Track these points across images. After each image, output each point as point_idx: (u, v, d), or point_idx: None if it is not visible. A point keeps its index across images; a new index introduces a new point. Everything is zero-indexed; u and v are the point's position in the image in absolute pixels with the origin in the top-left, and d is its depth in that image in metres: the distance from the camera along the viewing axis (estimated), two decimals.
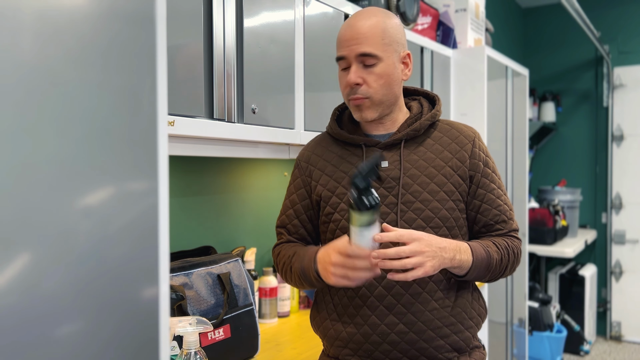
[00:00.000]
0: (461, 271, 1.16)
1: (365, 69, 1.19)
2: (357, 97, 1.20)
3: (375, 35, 1.18)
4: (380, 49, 1.18)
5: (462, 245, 1.15)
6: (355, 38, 1.18)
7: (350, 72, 1.19)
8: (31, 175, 0.51)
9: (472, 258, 1.15)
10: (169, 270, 0.75)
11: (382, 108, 1.22)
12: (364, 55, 1.17)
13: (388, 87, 1.21)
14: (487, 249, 1.18)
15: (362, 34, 1.17)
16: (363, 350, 1.21)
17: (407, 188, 1.20)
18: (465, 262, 1.14)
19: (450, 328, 1.20)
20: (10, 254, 0.50)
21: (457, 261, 1.12)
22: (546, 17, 4.59)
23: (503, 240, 1.23)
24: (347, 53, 1.19)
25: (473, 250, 1.16)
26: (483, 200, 1.24)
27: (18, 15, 0.50)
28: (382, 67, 1.19)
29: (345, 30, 1.20)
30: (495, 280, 1.25)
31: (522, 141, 3.07)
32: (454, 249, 1.12)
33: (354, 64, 1.19)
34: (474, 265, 1.15)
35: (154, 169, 0.61)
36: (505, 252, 1.21)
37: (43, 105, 0.52)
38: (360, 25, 1.18)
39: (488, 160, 1.27)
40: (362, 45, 1.17)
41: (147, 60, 0.61)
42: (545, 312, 3.59)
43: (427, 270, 1.06)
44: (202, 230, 1.82)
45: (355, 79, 1.18)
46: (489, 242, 1.21)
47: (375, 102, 1.21)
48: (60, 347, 0.53)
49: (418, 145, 1.24)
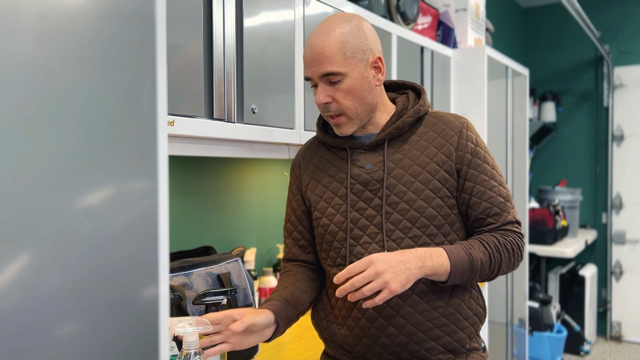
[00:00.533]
0: (440, 277, 1.11)
1: (332, 86, 1.16)
2: (332, 114, 1.19)
3: (334, 52, 1.14)
4: (342, 65, 1.14)
5: (434, 251, 1.10)
6: (315, 59, 1.15)
7: (318, 93, 1.17)
8: (31, 175, 0.51)
9: (449, 262, 1.10)
10: (168, 270, 0.75)
11: (359, 120, 1.20)
12: (326, 75, 1.15)
13: (359, 99, 1.18)
14: (469, 250, 1.12)
15: (320, 53, 1.14)
16: (356, 351, 1.21)
17: (392, 189, 1.18)
18: (440, 268, 1.09)
19: (443, 329, 1.17)
20: (10, 254, 0.50)
21: (428, 268, 1.07)
22: (546, 17, 4.59)
23: (493, 237, 1.17)
24: (311, 74, 1.18)
25: (449, 254, 1.10)
26: (471, 194, 1.19)
27: (18, 15, 0.50)
28: (348, 82, 1.15)
29: (306, 50, 1.18)
30: (492, 279, 1.20)
31: (522, 141, 3.07)
32: (421, 256, 1.07)
33: (320, 84, 1.17)
34: (452, 269, 1.10)
35: (154, 169, 0.61)
36: (494, 250, 1.15)
37: (43, 105, 0.52)
38: (319, 45, 1.15)
39: (478, 149, 1.21)
40: (323, 66, 1.14)
41: (147, 60, 0.61)
42: (546, 312, 3.59)
43: (394, 288, 1.02)
44: (202, 230, 1.82)
45: (324, 98, 1.16)
46: (474, 241, 1.16)
47: (350, 116, 1.19)
48: (60, 348, 0.53)
49: (403, 143, 1.21)
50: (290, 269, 1.32)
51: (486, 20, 2.92)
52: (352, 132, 1.21)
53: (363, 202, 1.20)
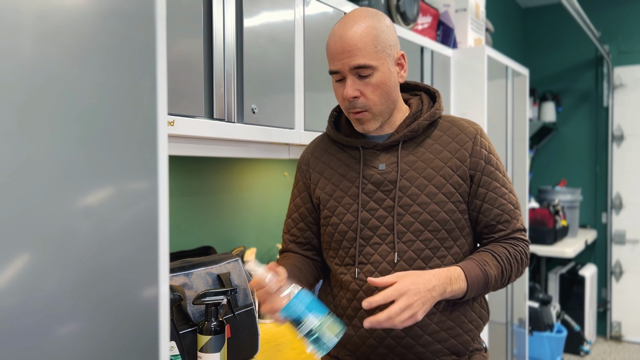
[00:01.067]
0: (457, 296, 1.12)
1: (360, 80, 1.13)
2: (357, 110, 1.16)
3: (367, 44, 1.11)
4: (374, 58, 1.12)
5: (453, 275, 1.10)
6: (347, 50, 1.11)
7: (347, 87, 1.13)
8: (31, 175, 0.51)
9: (467, 284, 1.11)
10: (168, 270, 0.75)
11: (382, 117, 1.18)
12: (358, 67, 1.12)
13: (386, 95, 1.16)
14: (484, 267, 1.13)
15: (353, 45, 1.11)
16: (360, 352, 1.20)
17: (405, 191, 1.17)
18: (458, 291, 1.10)
19: (448, 332, 1.17)
20: (10, 254, 0.50)
21: (448, 294, 1.09)
22: (546, 17, 4.59)
23: (504, 248, 1.19)
24: (340, 67, 1.13)
25: (467, 275, 1.11)
26: (484, 200, 1.20)
27: (18, 15, 0.50)
28: (378, 76, 1.13)
29: (335, 42, 1.14)
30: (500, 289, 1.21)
31: (522, 141, 3.07)
32: (444, 283, 1.08)
33: (349, 78, 1.13)
34: (469, 289, 1.11)
35: (154, 169, 0.61)
36: (506, 262, 1.17)
37: (43, 105, 0.52)
38: (350, 36, 1.11)
39: (490, 157, 1.21)
40: (355, 58, 1.11)
41: (147, 60, 0.61)
42: (546, 312, 3.59)
43: (418, 318, 1.03)
44: (202, 230, 1.82)
45: (353, 92, 1.13)
46: (487, 255, 1.17)
47: (375, 113, 1.17)
48: (61, 347, 0.53)
49: (417, 146, 1.21)
50: (287, 255, 1.32)
51: (486, 20, 2.92)
52: (374, 129, 1.19)
53: (374, 203, 1.19)
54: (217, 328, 1.28)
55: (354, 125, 1.21)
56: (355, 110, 1.16)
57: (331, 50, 1.15)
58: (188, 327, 1.33)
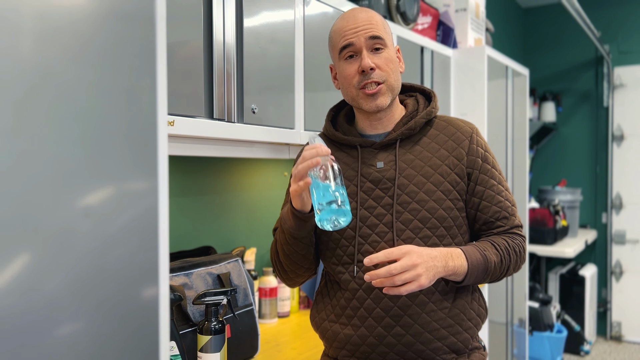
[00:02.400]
0: (457, 277, 1.13)
1: (374, 54, 1.19)
2: (372, 81, 1.18)
3: (379, 22, 1.21)
4: (385, 35, 1.20)
5: (454, 252, 1.12)
6: (362, 24, 1.18)
7: (363, 57, 1.17)
8: (31, 175, 0.51)
9: (467, 263, 1.12)
10: (168, 270, 0.75)
11: (393, 95, 1.22)
12: (374, 37, 1.18)
13: (396, 73, 1.22)
14: (484, 252, 1.15)
15: (367, 20, 1.19)
16: (360, 351, 1.20)
17: (403, 188, 1.19)
18: (460, 268, 1.12)
19: (448, 330, 1.18)
20: (10, 254, 0.50)
21: (450, 268, 1.10)
22: (546, 17, 4.59)
23: (503, 239, 1.20)
24: (355, 39, 1.18)
25: (467, 256, 1.13)
26: (482, 198, 1.21)
27: (18, 15, 0.50)
28: (388, 52, 1.20)
29: (348, 20, 1.21)
30: (497, 280, 1.23)
31: (522, 141, 3.07)
32: (445, 256, 1.10)
33: (365, 49, 1.18)
34: (469, 270, 1.13)
35: (154, 169, 0.61)
36: (505, 252, 1.18)
37: (43, 105, 0.52)
38: (364, 15, 1.20)
39: (487, 155, 1.24)
40: (372, 30, 1.18)
41: (147, 60, 0.61)
42: (546, 312, 3.59)
43: (422, 282, 1.05)
44: (202, 230, 1.82)
45: (369, 63, 1.17)
46: (487, 243, 1.19)
47: (390, 86, 1.20)
48: (60, 347, 0.53)
49: (414, 144, 1.23)
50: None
51: (486, 20, 2.92)
52: (386, 105, 1.21)
53: (373, 201, 1.20)
54: (217, 328, 1.28)
55: (364, 105, 1.21)
56: (374, 80, 1.19)
57: (343, 27, 1.21)
58: (188, 327, 1.33)
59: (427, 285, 1.06)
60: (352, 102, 1.25)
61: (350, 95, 1.23)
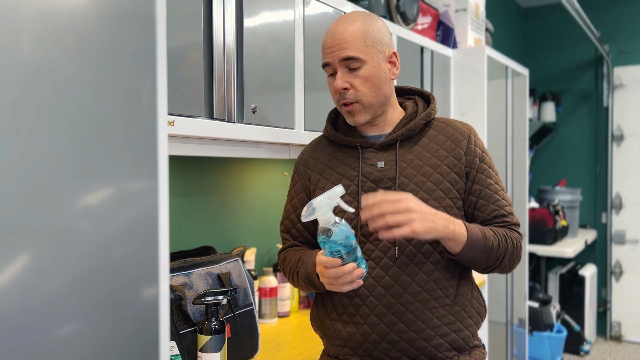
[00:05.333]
0: (456, 245, 1.13)
1: (350, 73, 1.20)
2: (347, 101, 1.21)
3: (357, 38, 1.19)
4: (363, 52, 1.19)
5: (455, 220, 1.13)
6: (337, 44, 1.19)
7: (337, 78, 1.20)
8: (31, 174, 0.51)
9: (467, 233, 1.13)
10: (168, 270, 0.75)
11: (373, 110, 1.23)
12: (347, 59, 1.18)
13: (376, 88, 1.21)
14: (483, 231, 1.17)
15: (343, 39, 1.19)
16: (362, 349, 1.21)
17: (404, 188, 1.21)
18: (460, 235, 1.12)
19: (450, 327, 1.20)
20: (10, 254, 0.50)
21: (450, 231, 1.11)
22: (546, 17, 4.59)
23: (502, 229, 1.22)
24: (330, 59, 1.21)
25: (468, 228, 1.14)
26: (479, 196, 1.23)
27: (18, 15, 0.50)
28: (366, 69, 1.19)
29: (327, 37, 1.22)
30: (493, 269, 1.23)
31: (522, 141, 3.07)
32: (447, 218, 1.11)
33: (339, 70, 1.20)
34: (468, 240, 1.13)
35: (154, 169, 0.61)
36: (503, 238, 1.19)
37: (43, 105, 0.52)
38: (341, 31, 1.19)
39: (484, 155, 1.27)
40: (345, 50, 1.18)
41: (147, 60, 0.61)
42: (545, 312, 3.59)
43: (417, 227, 1.04)
44: (202, 230, 1.82)
45: (342, 84, 1.19)
46: (486, 228, 1.20)
47: (365, 105, 1.22)
48: (60, 347, 0.53)
49: (414, 145, 1.25)
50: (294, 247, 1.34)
51: (486, 20, 2.92)
52: (365, 121, 1.23)
53: None
54: (217, 328, 1.28)
55: (347, 119, 1.26)
56: (346, 101, 1.22)
57: (324, 45, 1.24)
58: (188, 327, 1.33)
59: (422, 233, 1.06)
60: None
61: (337, 107, 1.27)
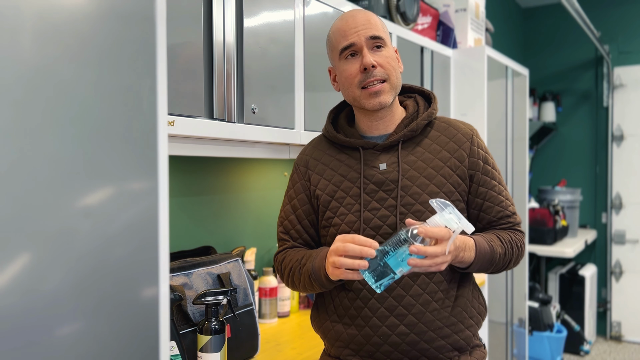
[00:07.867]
0: (462, 265, 1.16)
1: (375, 52, 1.20)
2: (376, 79, 1.19)
3: (378, 22, 1.22)
4: (384, 34, 1.22)
5: (469, 243, 1.14)
6: (362, 24, 1.20)
7: (364, 55, 1.18)
8: (31, 175, 0.51)
9: (475, 254, 1.14)
10: (168, 270, 0.75)
11: (395, 93, 1.23)
12: (374, 38, 1.19)
13: (397, 71, 1.23)
14: (490, 243, 1.18)
15: (367, 20, 1.21)
16: (364, 351, 1.21)
17: (407, 190, 1.20)
18: (467, 259, 1.14)
19: (451, 328, 1.20)
20: (10, 254, 0.50)
21: (459, 258, 1.12)
22: (546, 17, 4.59)
23: (507, 234, 1.23)
24: (356, 39, 1.19)
25: (477, 247, 1.15)
26: (485, 198, 1.24)
27: (18, 15, 0.50)
28: (389, 51, 1.22)
29: (347, 20, 1.22)
30: (498, 272, 1.26)
31: (522, 141, 3.07)
32: (459, 247, 1.11)
33: (365, 48, 1.19)
34: (475, 260, 1.15)
35: (154, 169, 0.61)
36: (508, 245, 1.21)
37: (43, 104, 0.52)
38: (363, 15, 1.22)
39: (487, 156, 1.27)
40: (371, 29, 1.19)
41: (147, 60, 0.61)
42: (545, 312, 3.59)
43: (442, 269, 1.07)
44: (202, 230, 1.82)
45: (372, 60, 1.18)
46: (493, 236, 1.21)
47: (392, 84, 1.21)
48: (60, 347, 0.53)
49: (415, 146, 1.24)
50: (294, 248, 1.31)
51: (486, 20, 2.92)
52: (388, 103, 1.21)
53: (376, 203, 1.21)
54: (217, 328, 1.28)
55: (366, 104, 1.21)
56: (376, 78, 1.20)
57: (343, 27, 1.22)
58: (188, 327, 1.33)
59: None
60: (353, 103, 1.25)
61: (352, 95, 1.22)
